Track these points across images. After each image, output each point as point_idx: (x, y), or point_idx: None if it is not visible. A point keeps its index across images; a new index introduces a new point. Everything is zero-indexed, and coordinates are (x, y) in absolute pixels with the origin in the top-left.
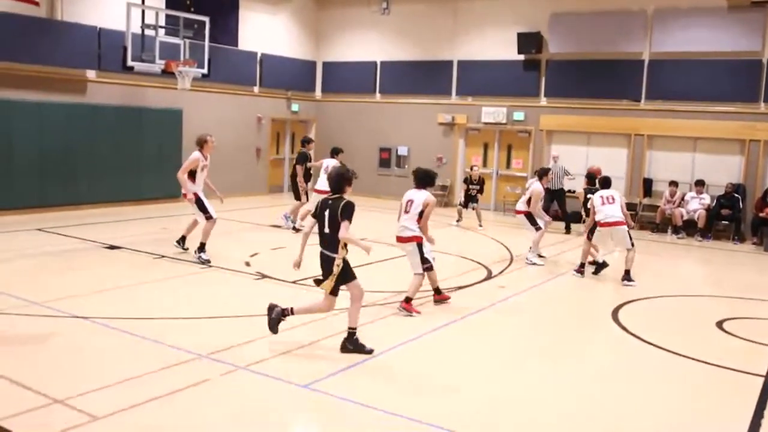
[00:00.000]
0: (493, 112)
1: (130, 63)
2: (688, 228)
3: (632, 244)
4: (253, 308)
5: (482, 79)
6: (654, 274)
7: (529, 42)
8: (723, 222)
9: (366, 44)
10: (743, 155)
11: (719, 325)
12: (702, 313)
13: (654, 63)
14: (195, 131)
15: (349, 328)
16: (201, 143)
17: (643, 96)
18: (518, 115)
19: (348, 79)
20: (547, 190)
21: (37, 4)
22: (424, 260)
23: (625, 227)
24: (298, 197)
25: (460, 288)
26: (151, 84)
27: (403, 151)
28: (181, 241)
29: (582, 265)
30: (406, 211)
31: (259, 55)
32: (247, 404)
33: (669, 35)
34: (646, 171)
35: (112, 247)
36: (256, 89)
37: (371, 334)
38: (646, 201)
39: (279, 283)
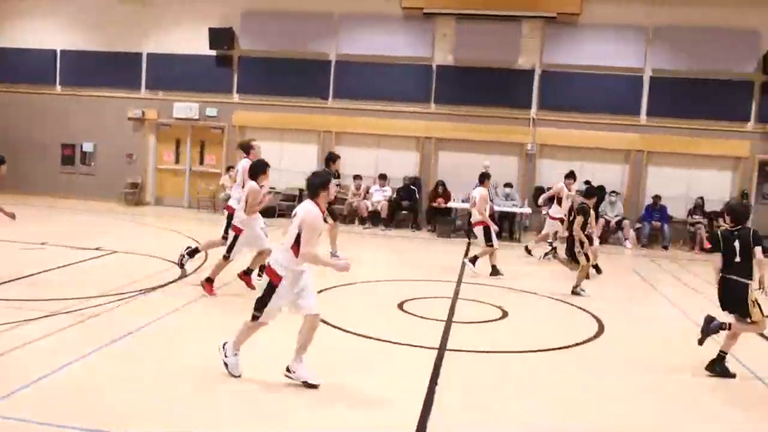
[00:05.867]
0: (184, 107)
1: None
2: (373, 218)
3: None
4: None
5: (174, 74)
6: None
7: (221, 38)
8: (403, 212)
9: (43, 30)
10: (419, 151)
11: (400, 306)
12: (386, 296)
13: (340, 64)
14: None
15: None
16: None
17: (331, 95)
18: (211, 111)
19: (23, 68)
20: None
21: None
22: (230, 249)
23: (481, 227)
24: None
25: (155, 288)
26: None
27: (88, 147)
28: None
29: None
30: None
31: None
32: None
33: (354, 38)
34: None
35: None
36: None
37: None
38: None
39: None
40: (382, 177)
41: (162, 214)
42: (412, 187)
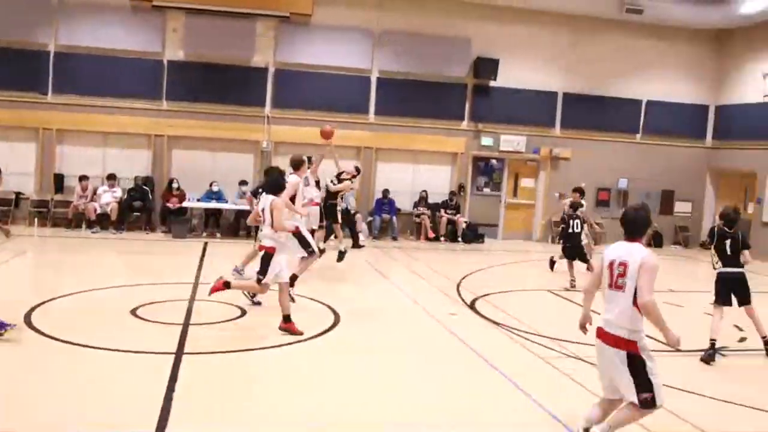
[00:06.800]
0: None
1: None
2: (102, 221)
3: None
4: None
5: None
6: (71, 271)
7: None
8: (135, 213)
9: None
10: (150, 149)
11: (133, 312)
12: (116, 303)
13: (61, 55)
14: None
15: None
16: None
17: (51, 89)
18: None
19: None
20: None
21: None
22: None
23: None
24: None
25: None
26: None
27: None
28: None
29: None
30: (264, 220)
31: None
32: None
33: (77, 29)
34: (57, 166)
35: None
36: None
37: None
38: (58, 197)
39: None
40: (111, 177)
41: None
42: (144, 187)
